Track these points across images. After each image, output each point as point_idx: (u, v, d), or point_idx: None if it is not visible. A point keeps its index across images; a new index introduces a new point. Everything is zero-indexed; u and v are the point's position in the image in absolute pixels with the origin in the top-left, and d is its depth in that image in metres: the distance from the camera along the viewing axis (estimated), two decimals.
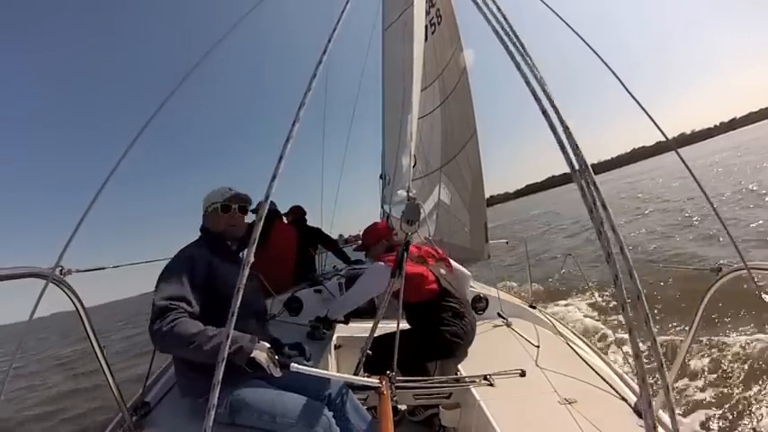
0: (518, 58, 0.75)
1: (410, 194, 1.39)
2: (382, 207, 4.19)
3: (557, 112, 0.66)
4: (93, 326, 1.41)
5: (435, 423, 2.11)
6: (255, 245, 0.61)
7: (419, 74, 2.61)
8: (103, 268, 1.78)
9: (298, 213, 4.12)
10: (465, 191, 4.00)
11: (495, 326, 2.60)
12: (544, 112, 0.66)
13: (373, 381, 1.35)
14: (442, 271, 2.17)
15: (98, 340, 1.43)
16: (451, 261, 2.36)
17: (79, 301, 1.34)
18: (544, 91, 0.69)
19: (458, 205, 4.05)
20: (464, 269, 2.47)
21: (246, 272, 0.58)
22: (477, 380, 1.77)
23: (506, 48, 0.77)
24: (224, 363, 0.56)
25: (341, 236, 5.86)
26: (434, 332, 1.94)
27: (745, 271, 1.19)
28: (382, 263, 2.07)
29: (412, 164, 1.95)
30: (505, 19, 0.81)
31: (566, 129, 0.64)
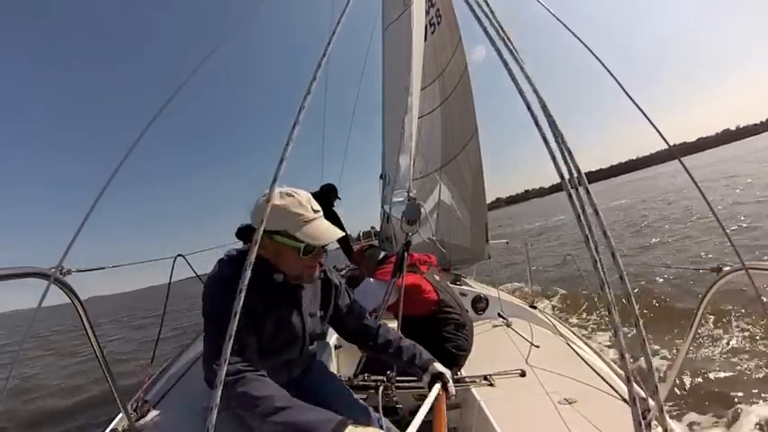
0: (509, 61, 0.74)
1: (411, 194, 1.39)
2: (382, 207, 4.19)
3: (549, 116, 0.66)
4: (92, 326, 1.41)
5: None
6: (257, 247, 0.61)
7: (419, 73, 2.61)
8: (103, 268, 1.78)
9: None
10: (465, 191, 4.00)
11: (495, 326, 2.61)
12: (535, 121, 0.66)
13: (437, 389, 1.22)
14: (437, 277, 2.14)
15: (98, 340, 1.43)
16: None
17: (79, 300, 1.34)
18: (537, 96, 0.69)
19: (458, 205, 4.04)
20: None
21: (248, 274, 0.57)
22: (477, 380, 1.77)
23: (496, 49, 0.76)
24: (226, 363, 0.55)
25: (372, 228, 5.57)
26: (439, 348, 1.89)
27: (745, 271, 1.19)
28: (372, 279, 2.04)
29: (412, 164, 1.95)
30: (498, 21, 0.81)
31: (559, 135, 0.64)
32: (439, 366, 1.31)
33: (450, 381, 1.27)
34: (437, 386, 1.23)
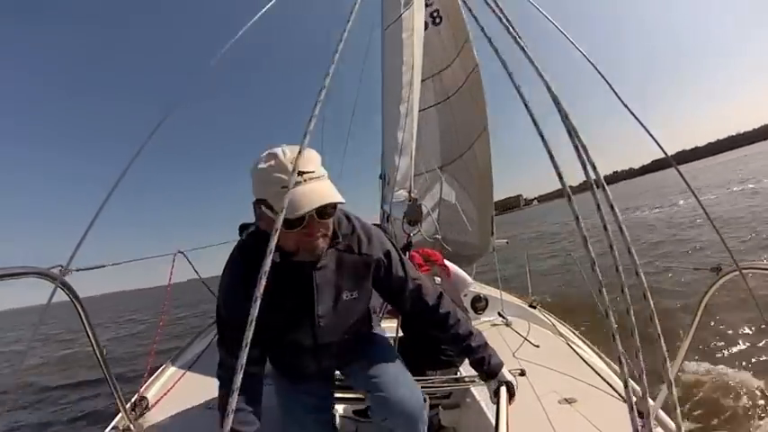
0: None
1: (412, 194, 1.39)
2: (382, 207, 4.19)
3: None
4: (92, 325, 1.41)
5: (434, 423, 2.11)
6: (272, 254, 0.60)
7: (418, 74, 2.62)
8: (103, 266, 1.78)
9: None
10: (471, 186, 4.02)
11: (495, 325, 2.61)
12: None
13: (505, 397, 1.22)
14: (438, 279, 2.14)
15: (97, 339, 1.43)
16: (450, 266, 2.33)
17: (78, 300, 1.34)
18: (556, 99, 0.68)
19: (463, 201, 4.04)
20: (464, 274, 2.44)
21: (263, 281, 0.55)
22: (476, 380, 1.77)
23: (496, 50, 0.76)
24: (242, 369, 0.51)
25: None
26: (435, 349, 1.90)
27: (744, 271, 1.20)
28: None
29: (413, 164, 1.95)
30: (508, 20, 0.81)
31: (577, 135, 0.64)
32: (507, 374, 1.27)
33: (515, 389, 1.25)
34: (504, 394, 1.22)
